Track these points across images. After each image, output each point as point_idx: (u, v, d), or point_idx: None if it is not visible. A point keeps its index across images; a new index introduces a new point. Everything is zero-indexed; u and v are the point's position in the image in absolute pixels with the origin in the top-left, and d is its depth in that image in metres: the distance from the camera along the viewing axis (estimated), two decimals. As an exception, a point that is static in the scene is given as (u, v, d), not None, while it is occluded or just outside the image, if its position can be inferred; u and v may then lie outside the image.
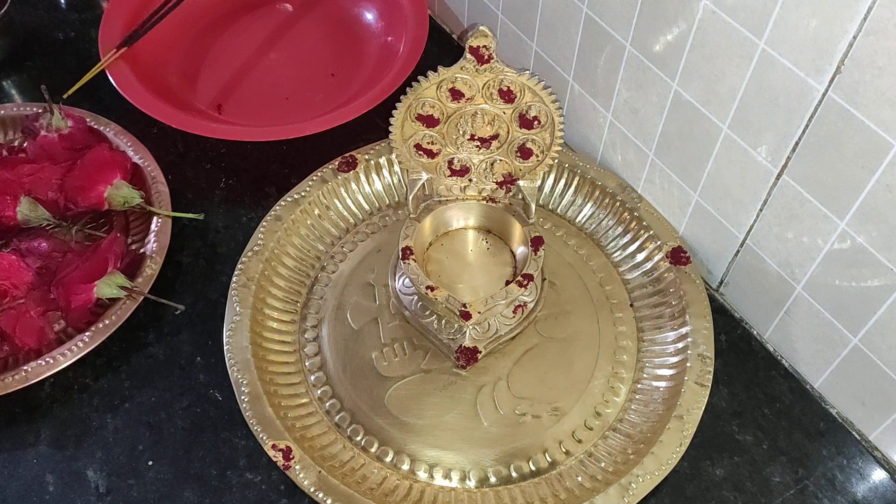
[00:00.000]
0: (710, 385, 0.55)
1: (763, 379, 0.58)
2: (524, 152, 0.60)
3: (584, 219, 0.66)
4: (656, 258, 0.62)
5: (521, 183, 0.61)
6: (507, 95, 0.57)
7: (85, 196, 0.63)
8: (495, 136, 0.60)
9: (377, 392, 0.57)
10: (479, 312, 0.56)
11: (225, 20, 0.83)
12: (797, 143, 0.49)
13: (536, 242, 0.59)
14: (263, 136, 0.70)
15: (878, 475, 0.54)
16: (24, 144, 0.69)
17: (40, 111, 0.69)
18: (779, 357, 0.60)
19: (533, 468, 0.54)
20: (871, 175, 0.45)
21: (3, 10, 0.76)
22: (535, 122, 0.58)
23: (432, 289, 0.57)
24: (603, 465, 0.54)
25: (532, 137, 0.59)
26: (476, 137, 0.60)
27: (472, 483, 0.54)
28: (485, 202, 0.63)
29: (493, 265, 0.63)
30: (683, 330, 0.58)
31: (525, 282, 0.57)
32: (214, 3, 0.83)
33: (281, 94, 0.77)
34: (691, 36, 0.52)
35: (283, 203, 0.65)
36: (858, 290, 0.50)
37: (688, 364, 0.56)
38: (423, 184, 0.62)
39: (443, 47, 0.81)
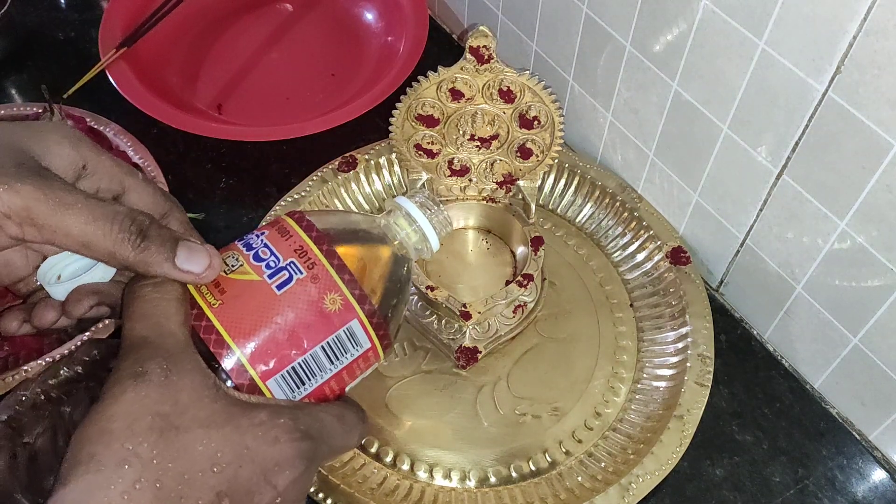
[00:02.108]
0: (710, 385, 0.55)
1: (763, 379, 0.58)
2: (524, 152, 0.60)
3: (584, 219, 0.66)
4: (656, 258, 0.62)
5: (521, 183, 0.62)
6: (507, 95, 0.57)
7: (85, 196, 0.63)
8: (495, 136, 0.60)
9: (377, 392, 0.57)
10: (479, 312, 0.56)
11: (225, 20, 0.83)
12: (797, 143, 0.49)
13: (536, 242, 0.59)
14: (263, 136, 0.70)
15: (878, 475, 0.54)
16: (24, 144, 0.69)
17: (40, 111, 0.69)
18: (779, 357, 0.60)
19: (533, 468, 0.54)
20: (871, 175, 0.45)
21: (3, 10, 0.76)
22: (535, 122, 0.58)
23: (432, 289, 0.57)
24: (603, 465, 0.54)
25: (532, 137, 0.59)
26: (476, 137, 0.60)
27: (472, 483, 0.54)
28: (485, 202, 0.63)
29: (493, 265, 0.63)
30: (683, 330, 0.58)
31: (525, 282, 0.57)
32: (214, 3, 0.83)
33: (281, 94, 0.77)
34: (691, 36, 0.52)
35: (283, 203, 0.65)
36: (858, 290, 0.50)
37: (688, 364, 0.56)
38: (423, 184, 0.62)
39: (443, 47, 0.81)
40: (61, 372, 0.36)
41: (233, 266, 0.37)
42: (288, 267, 0.37)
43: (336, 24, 0.83)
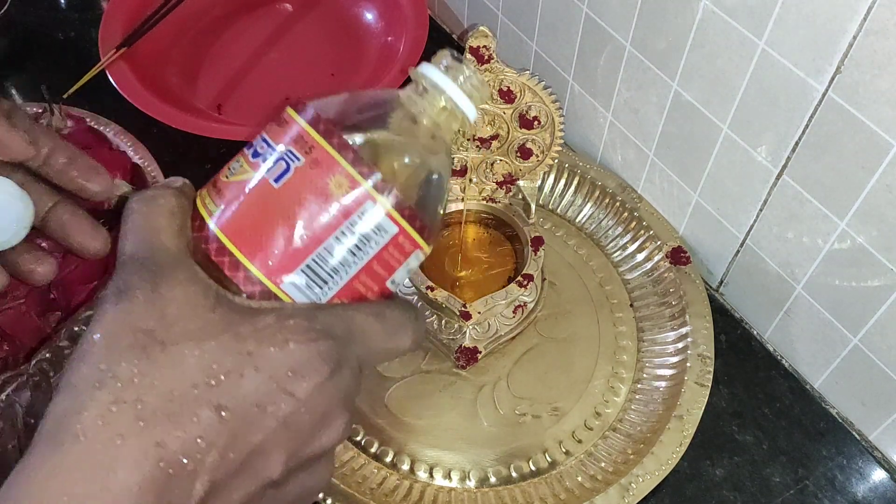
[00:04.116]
0: (710, 385, 0.55)
1: (763, 379, 0.58)
2: (524, 152, 0.60)
3: (584, 219, 0.66)
4: (656, 258, 0.62)
5: (521, 183, 0.62)
6: (507, 95, 0.57)
7: (85, 196, 0.63)
8: (495, 136, 0.60)
9: (377, 392, 0.57)
10: (479, 312, 0.56)
11: (225, 20, 0.83)
12: (797, 143, 0.49)
13: (536, 242, 0.59)
14: (263, 136, 0.70)
15: (878, 475, 0.54)
16: (24, 144, 0.69)
17: (40, 111, 0.69)
18: (779, 357, 0.60)
19: (533, 468, 0.54)
20: (871, 175, 0.45)
21: (3, 10, 0.76)
22: (535, 122, 0.58)
23: (432, 289, 0.57)
24: (603, 465, 0.54)
25: (532, 137, 0.59)
26: (476, 137, 0.60)
27: (472, 483, 0.54)
28: (485, 202, 0.63)
29: (494, 265, 0.63)
30: (683, 330, 0.58)
31: (525, 282, 0.57)
32: (214, 3, 0.83)
33: (281, 94, 0.77)
34: (691, 36, 0.52)
35: (283, 203, 0.65)
36: (858, 290, 0.50)
37: (688, 364, 0.56)
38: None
39: (443, 47, 0.81)
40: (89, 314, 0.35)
41: (234, 170, 0.35)
42: (284, 156, 0.33)
43: (336, 24, 0.83)
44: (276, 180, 0.33)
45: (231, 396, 0.29)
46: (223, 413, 0.29)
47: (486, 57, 0.55)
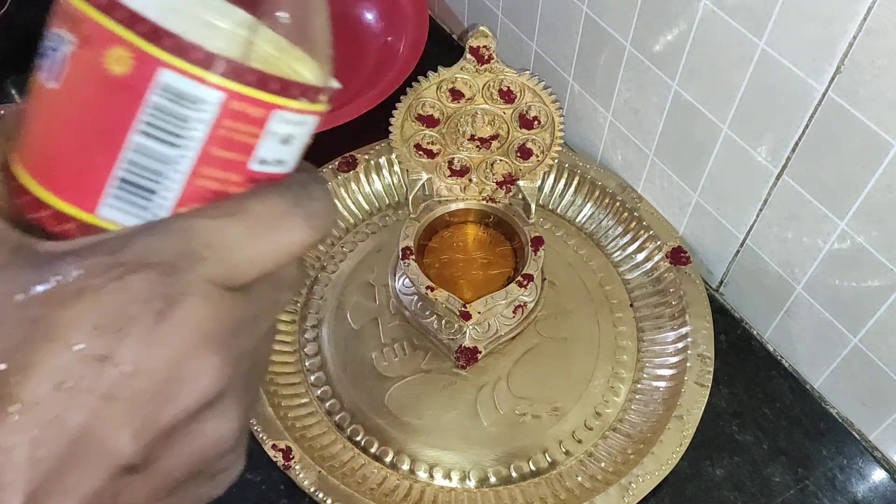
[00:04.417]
0: (710, 385, 0.55)
1: (763, 379, 0.58)
2: (524, 152, 0.60)
3: (584, 219, 0.66)
4: (656, 258, 0.62)
5: (521, 183, 0.61)
6: (507, 96, 0.57)
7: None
8: (495, 137, 0.60)
9: (377, 392, 0.57)
10: (479, 312, 0.56)
11: (225, 20, 0.83)
12: (797, 143, 0.49)
13: (536, 242, 0.59)
14: (263, 136, 0.69)
15: (878, 475, 0.54)
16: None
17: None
18: (779, 357, 0.60)
19: (533, 468, 0.54)
20: (871, 175, 0.45)
21: (3, 10, 0.76)
22: (535, 123, 0.58)
23: (432, 289, 0.57)
24: (603, 465, 0.54)
25: (532, 137, 0.59)
26: (476, 137, 0.60)
27: (472, 483, 0.54)
28: (485, 202, 0.63)
29: (494, 265, 0.63)
30: (683, 330, 0.58)
31: (525, 282, 0.57)
32: (214, 3, 0.83)
33: (281, 94, 0.77)
34: (691, 36, 0.52)
35: (283, 203, 0.65)
36: (858, 290, 0.50)
37: (688, 364, 0.56)
38: (423, 184, 0.62)
39: (443, 47, 0.81)
40: None
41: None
42: (56, 45, 0.25)
43: (336, 24, 0.83)
44: (55, 80, 0.24)
45: (20, 383, 0.22)
46: (10, 407, 0.22)
47: (486, 57, 0.55)
